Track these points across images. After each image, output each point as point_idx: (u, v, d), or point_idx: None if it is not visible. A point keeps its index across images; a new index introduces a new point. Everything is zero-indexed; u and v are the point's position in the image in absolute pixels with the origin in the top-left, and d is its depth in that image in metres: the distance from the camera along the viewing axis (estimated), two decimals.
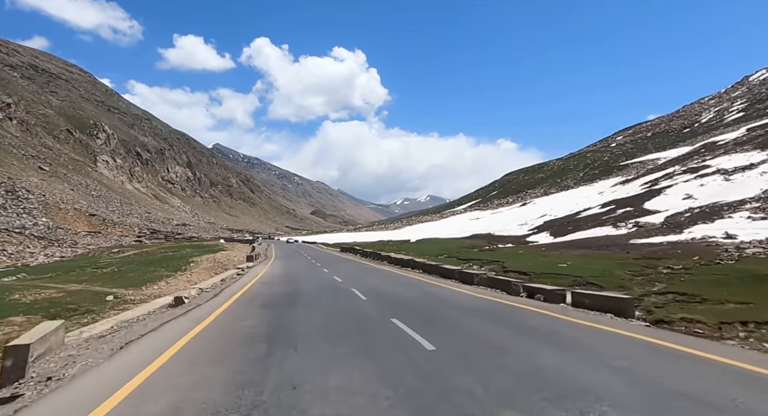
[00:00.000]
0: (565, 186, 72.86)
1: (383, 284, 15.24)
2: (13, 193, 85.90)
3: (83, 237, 75.56)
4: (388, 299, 11.06)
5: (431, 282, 16.07)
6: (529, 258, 19.60)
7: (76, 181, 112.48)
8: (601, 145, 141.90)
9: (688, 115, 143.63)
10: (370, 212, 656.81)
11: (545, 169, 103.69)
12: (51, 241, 63.82)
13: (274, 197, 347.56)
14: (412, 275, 19.14)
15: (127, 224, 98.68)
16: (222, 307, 9.75)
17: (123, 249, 39.99)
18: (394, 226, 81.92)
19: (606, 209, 39.94)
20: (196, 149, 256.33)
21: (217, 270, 17.38)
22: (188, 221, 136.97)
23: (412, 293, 12.38)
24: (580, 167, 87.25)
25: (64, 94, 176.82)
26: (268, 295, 11.94)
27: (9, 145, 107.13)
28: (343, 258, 36.10)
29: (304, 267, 23.93)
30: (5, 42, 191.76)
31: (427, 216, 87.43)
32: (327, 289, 13.58)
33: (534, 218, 50.27)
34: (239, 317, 8.44)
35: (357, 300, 10.97)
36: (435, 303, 10.24)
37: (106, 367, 5.16)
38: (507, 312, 8.82)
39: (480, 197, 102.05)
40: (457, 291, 12.74)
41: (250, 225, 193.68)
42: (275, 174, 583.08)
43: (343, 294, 12.34)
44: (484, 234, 46.21)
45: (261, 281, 16.15)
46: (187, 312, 9.23)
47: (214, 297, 11.86)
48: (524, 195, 78.00)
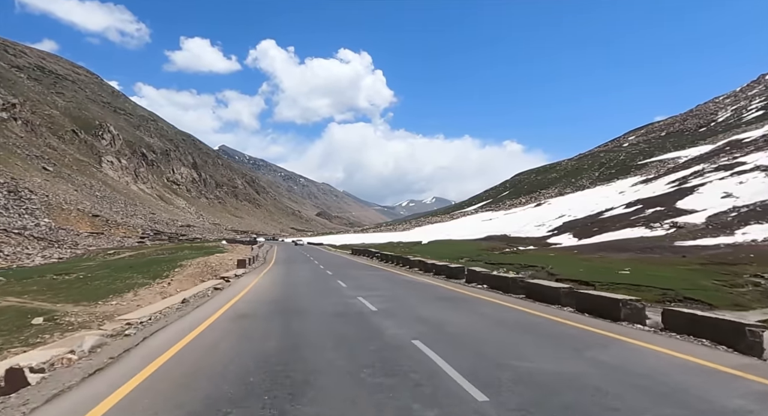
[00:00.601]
0: (580, 186, 70.17)
1: (469, 324, 8.18)
2: (16, 193, 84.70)
3: (85, 239, 74.02)
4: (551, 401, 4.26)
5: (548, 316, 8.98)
6: (570, 262, 17.17)
7: (80, 181, 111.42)
8: (613, 145, 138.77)
9: (703, 115, 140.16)
10: (375, 214, 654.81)
11: (558, 169, 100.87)
12: (51, 242, 62.22)
13: (279, 199, 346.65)
14: (481, 295, 12.47)
15: (130, 225, 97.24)
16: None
17: (120, 251, 38.03)
18: (402, 228, 79.48)
19: (632, 209, 37.36)
20: (202, 150, 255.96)
21: (204, 277, 14.36)
22: (193, 222, 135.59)
23: (575, 367, 5.39)
24: (594, 167, 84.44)
25: (70, 95, 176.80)
26: (222, 361, 5.59)
27: (13, 145, 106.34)
28: (360, 263, 29.65)
29: (310, 278, 18.05)
30: (12, 44, 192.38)
31: (437, 218, 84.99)
32: (359, 335, 7.16)
33: (551, 219, 47.74)
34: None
35: (461, 397, 4.28)
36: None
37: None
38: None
39: (491, 198, 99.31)
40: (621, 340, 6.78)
41: (256, 226, 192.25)
42: (281, 175, 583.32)
43: (404, 360, 5.59)
44: (499, 236, 43.81)
45: (237, 310, 9.70)
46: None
47: (104, 365, 5.46)
48: (538, 195, 75.39)
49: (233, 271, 17.50)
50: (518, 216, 57.21)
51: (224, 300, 11.03)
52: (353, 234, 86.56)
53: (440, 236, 50.38)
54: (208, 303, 10.69)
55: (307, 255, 41.28)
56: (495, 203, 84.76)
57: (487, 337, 6.93)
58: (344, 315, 9.06)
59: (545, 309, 9.56)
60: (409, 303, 10.68)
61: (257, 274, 18.68)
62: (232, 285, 14.52)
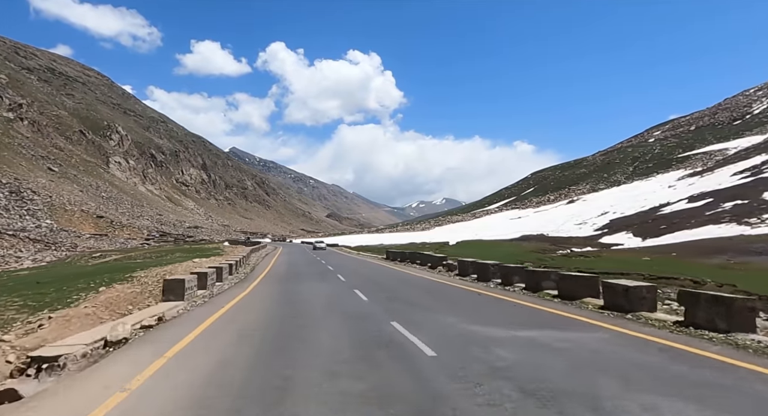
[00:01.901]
0: (615, 181, 64.55)
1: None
2: (18, 194, 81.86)
3: (86, 240, 70.58)
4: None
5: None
6: (697, 270, 11.98)
7: (86, 182, 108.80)
8: (638, 140, 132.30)
9: (734, 108, 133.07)
10: (385, 215, 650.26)
11: (584, 165, 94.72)
12: (48, 244, 58.65)
13: (289, 200, 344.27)
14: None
15: (136, 226, 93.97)
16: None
17: (108, 254, 33.75)
18: (421, 227, 74.06)
19: (700, 204, 31.88)
20: (212, 151, 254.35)
21: (121, 308, 7.23)
22: (201, 223, 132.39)
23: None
24: (627, 161, 78.44)
25: (80, 97, 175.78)
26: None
27: (19, 146, 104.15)
28: (428, 281, 16.16)
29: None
30: (24, 46, 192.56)
31: (457, 216, 79.52)
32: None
33: (593, 216, 42.40)
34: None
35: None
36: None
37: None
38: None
39: (513, 195, 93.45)
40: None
41: (266, 227, 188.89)
42: (291, 177, 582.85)
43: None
44: (536, 236, 38.69)
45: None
46: None
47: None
48: (567, 191, 69.79)
49: (154, 311, 8.03)
50: (551, 214, 51.88)
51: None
52: (367, 234, 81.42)
53: (467, 236, 45.22)
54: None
55: (320, 260, 29.41)
56: (519, 201, 79.06)
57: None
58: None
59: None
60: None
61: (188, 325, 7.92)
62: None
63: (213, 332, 7.33)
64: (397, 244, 41.74)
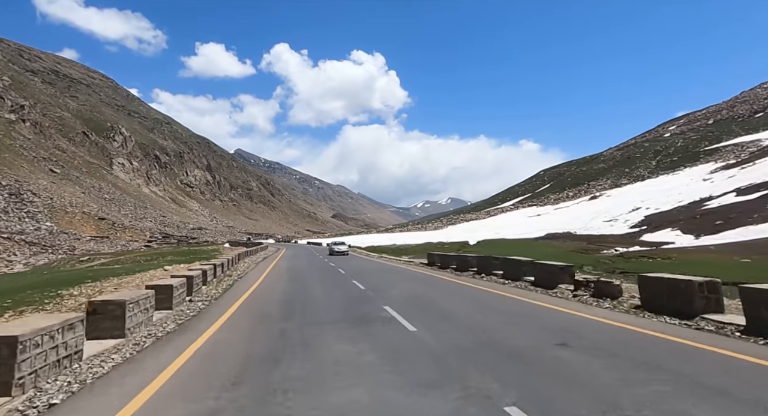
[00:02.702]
0: (638, 176, 61.16)
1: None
2: (18, 196, 79.87)
3: (86, 243, 68.30)
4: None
5: None
6: None
7: (88, 183, 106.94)
8: (652, 135, 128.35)
9: (754, 100, 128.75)
10: (390, 215, 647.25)
11: (602, 160, 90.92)
12: (44, 247, 56.33)
13: (294, 201, 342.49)
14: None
15: (138, 228, 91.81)
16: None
17: (98, 257, 31.07)
18: (433, 226, 70.71)
19: (754, 196, 28.58)
20: (216, 153, 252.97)
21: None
22: (206, 225, 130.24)
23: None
24: (648, 155, 74.76)
25: (84, 98, 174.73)
26: None
27: (20, 147, 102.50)
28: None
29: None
30: (28, 49, 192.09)
31: (471, 215, 76.13)
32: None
33: (623, 212, 39.13)
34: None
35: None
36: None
37: None
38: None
39: (528, 192, 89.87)
40: None
41: (271, 228, 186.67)
42: (296, 178, 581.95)
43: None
44: (562, 234, 35.56)
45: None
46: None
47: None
48: (587, 187, 66.36)
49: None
50: (574, 211, 48.63)
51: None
52: (377, 234, 78.09)
53: (486, 234, 42.05)
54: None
55: (336, 268, 20.96)
56: (535, 198, 75.55)
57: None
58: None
59: None
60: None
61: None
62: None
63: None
64: (410, 244, 38.67)
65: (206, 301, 10.24)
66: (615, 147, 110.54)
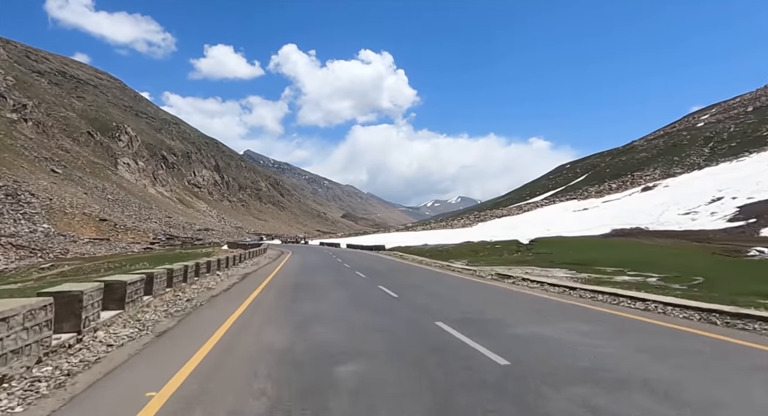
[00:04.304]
0: (692, 164, 55.02)
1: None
2: (14, 197, 75.86)
3: (82, 245, 63.85)
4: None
5: None
6: None
7: (91, 184, 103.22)
8: (682, 125, 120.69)
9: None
10: (400, 214, 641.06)
11: (643, 149, 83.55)
12: (33, 251, 51.84)
13: (304, 201, 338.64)
14: None
15: (141, 229, 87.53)
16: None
17: (60, 265, 25.94)
18: (460, 223, 64.39)
19: None
20: (225, 153, 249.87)
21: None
22: (213, 225, 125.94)
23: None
24: (697, 143, 67.91)
25: (91, 99, 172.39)
26: None
27: (21, 147, 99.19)
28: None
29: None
30: (35, 50, 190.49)
31: (501, 210, 69.52)
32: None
33: (701, 204, 33.26)
34: None
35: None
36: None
37: None
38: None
39: (559, 185, 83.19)
40: None
41: (280, 229, 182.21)
42: (305, 178, 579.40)
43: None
44: (632, 230, 29.68)
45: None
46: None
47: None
48: (632, 178, 60.09)
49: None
50: (628, 203, 42.77)
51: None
52: (398, 233, 71.53)
53: (534, 232, 35.94)
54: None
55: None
56: (572, 191, 69.02)
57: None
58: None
59: None
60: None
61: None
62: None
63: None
64: (449, 244, 32.51)
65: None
66: (644, 138, 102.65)
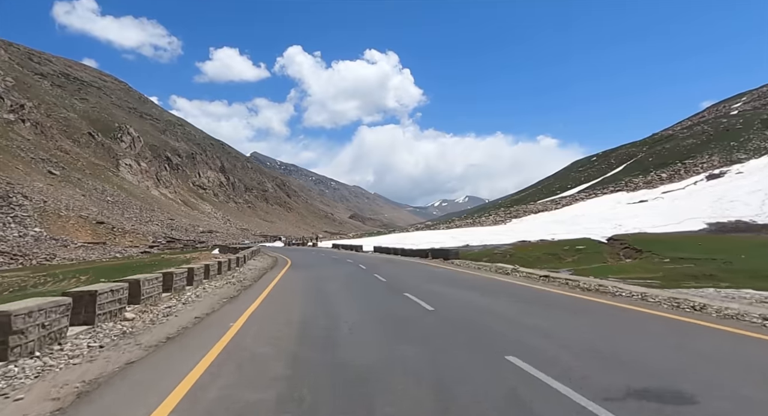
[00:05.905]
0: (759, 148, 48.99)
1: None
2: (5, 200, 71.32)
3: (74, 250, 59.01)
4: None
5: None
6: None
7: (90, 185, 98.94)
8: (712, 115, 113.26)
9: None
10: (408, 214, 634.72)
11: (691, 135, 76.52)
12: (15, 256, 46.97)
13: (311, 202, 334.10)
14: None
15: (141, 232, 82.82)
16: None
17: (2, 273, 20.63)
18: (491, 220, 57.73)
19: None
20: (231, 154, 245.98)
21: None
22: (217, 227, 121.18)
23: None
24: (754, 126, 61.45)
25: (94, 101, 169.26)
26: None
27: (17, 148, 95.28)
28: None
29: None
30: (38, 52, 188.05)
31: (535, 206, 62.71)
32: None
33: None
34: None
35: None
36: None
37: None
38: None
39: (592, 177, 76.86)
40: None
41: (287, 230, 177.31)
42: (312, 180, 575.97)
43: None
44: (734, 223, 23.81)
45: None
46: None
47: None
48: (686, 166, 54.13)
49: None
50: (701, 193, 36.94)
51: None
52: (414, 232, 65.34)
53: (606, 228, 29.88)
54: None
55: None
56: (611, 182, 62.72)
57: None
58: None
59: None
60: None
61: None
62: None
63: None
64: (501, 245, 26.32)
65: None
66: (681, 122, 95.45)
